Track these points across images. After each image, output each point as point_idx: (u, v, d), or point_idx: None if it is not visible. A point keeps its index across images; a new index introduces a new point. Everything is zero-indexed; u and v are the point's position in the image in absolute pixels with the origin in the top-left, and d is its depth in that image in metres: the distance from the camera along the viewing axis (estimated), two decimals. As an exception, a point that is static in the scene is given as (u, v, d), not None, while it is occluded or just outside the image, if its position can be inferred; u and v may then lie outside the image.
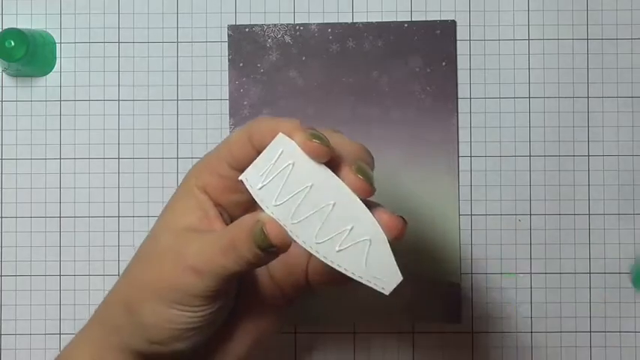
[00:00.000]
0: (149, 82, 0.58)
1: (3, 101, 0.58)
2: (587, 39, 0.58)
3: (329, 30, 0.58)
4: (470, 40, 0.58)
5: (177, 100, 0.58)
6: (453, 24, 0.58)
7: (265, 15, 0.58)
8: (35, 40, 0.55)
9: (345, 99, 0.58)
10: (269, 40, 0.58)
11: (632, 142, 0.58)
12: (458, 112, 0.58)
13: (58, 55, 0.58)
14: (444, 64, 0.58)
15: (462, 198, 0.58)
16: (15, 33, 0.54)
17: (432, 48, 0.58)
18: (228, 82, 0.58)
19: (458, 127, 0.58)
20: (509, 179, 0.58)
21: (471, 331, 0.58)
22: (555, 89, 0.58)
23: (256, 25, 0.58)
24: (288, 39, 0.58)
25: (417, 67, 0.58)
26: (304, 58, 0.58)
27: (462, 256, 0.58)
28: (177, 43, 0.58)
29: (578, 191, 0.58)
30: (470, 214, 0.58)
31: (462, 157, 0.58)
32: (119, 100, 0.58)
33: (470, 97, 0.58)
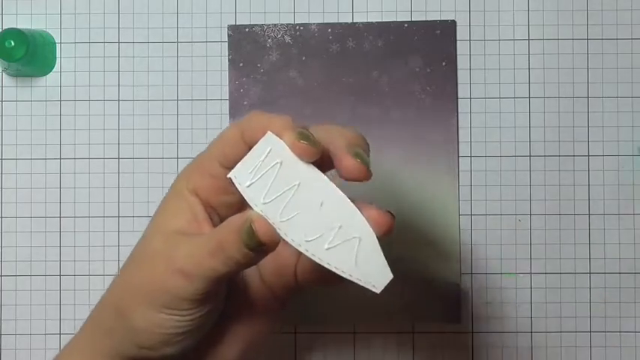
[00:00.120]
0: (149, 82, 0.58)
1: (3, 101, 0.58)
2: (587, 39, 0.58)
3: (329, 30, 0.58)
4: (470, 40, 0.58)
5: (177, 100, 0.58)
6: (453, 24, 0.58)
7: (265, 15, 0.58)
8: (35, 40, 0.55)
9: (345, 99, 0.58)
10: (269, 40, 0.58)
11: (632, 142, 0.58)
12: (458, 112, 0.58)
13: (58, 55, 0.58)
14: (444, 64, 0.58)
15: (462, 198, 0.58)
16: (15, 33, 0.54)
17: (432, 48, 0.58)
18: (228, 82, 0.58)
19: (458, 127, 0.58)
20: (509, 179, 0.58)
21: (471, 331, 0.58)
22: (555, 89, 0.58)
23: (256, 25, 0.58)
24: (288, 39, 0.58)
25: (417, 67, 0.58)
26: (304, 58, 0.58)
27: (461, 256, 0.58)
28: (177, 43, 0.58)
29: (578, 191, 0.58)
30: (470, 214, 0.58)
31: (462, 157, 0.58)
32: (119, 100, 0.58)
33: (470, 97, 0.58)
